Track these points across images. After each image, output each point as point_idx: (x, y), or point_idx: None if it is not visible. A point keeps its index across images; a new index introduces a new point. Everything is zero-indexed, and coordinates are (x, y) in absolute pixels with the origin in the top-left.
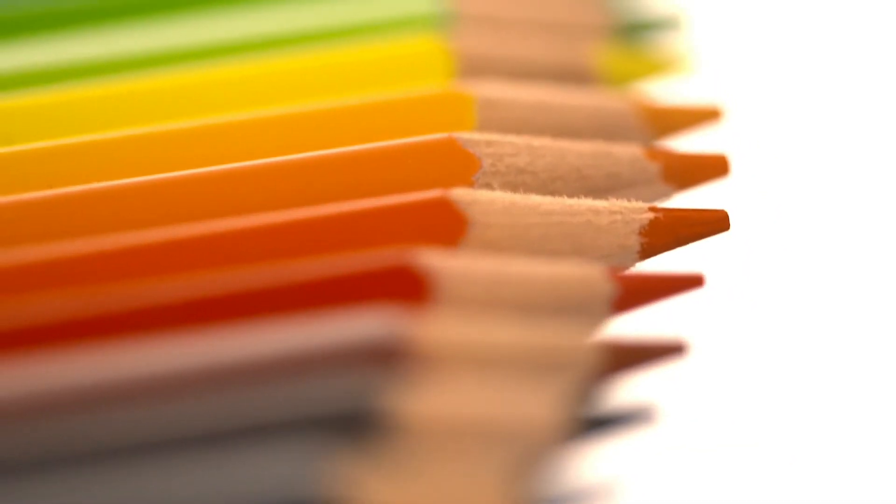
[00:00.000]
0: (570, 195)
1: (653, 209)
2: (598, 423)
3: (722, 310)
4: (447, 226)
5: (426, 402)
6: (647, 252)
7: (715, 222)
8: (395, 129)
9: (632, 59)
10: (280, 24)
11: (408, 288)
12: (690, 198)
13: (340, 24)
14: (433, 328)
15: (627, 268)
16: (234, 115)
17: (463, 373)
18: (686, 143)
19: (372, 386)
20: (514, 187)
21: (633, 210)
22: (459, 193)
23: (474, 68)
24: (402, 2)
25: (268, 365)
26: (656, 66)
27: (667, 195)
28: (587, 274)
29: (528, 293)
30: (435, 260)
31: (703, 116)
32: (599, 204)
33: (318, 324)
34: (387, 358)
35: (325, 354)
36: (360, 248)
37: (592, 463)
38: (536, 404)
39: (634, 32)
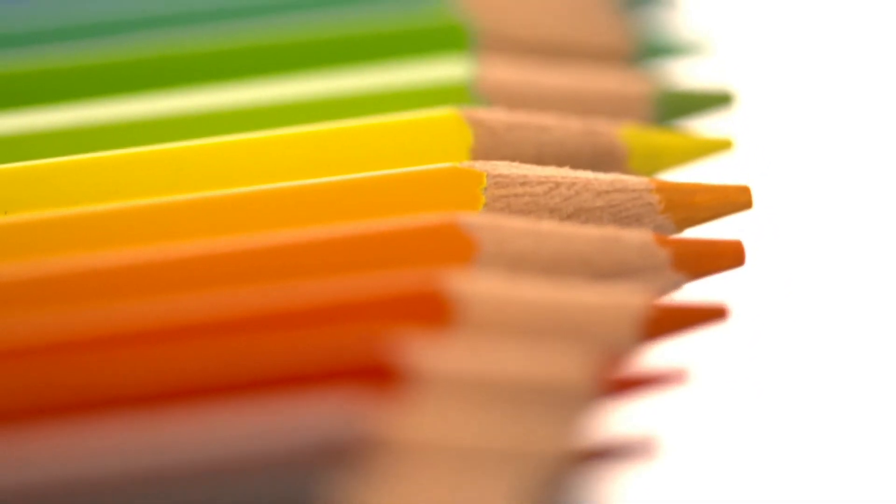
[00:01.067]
0: (576, 279)
1: (652, 304)
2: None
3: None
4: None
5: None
6: (643, 340)
7: (713, 315)
8: (402, 204)
9: (665, 142)
10: (297, 93)
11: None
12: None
13: (361, 91)
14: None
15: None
16: (241, 188)
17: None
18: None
19: (327, 483)
20: (516, 271)
21: (628, 305)
22: (452, 281)
23: (492, 145)
24: (424, 71)
25: (218, 465)
26: (691, 150)
27: (678, 284)
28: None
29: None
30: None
31: (728, 197)
32: (593, 301)
33: (275, 418)
34: (344, 455)
35: (279, 455)
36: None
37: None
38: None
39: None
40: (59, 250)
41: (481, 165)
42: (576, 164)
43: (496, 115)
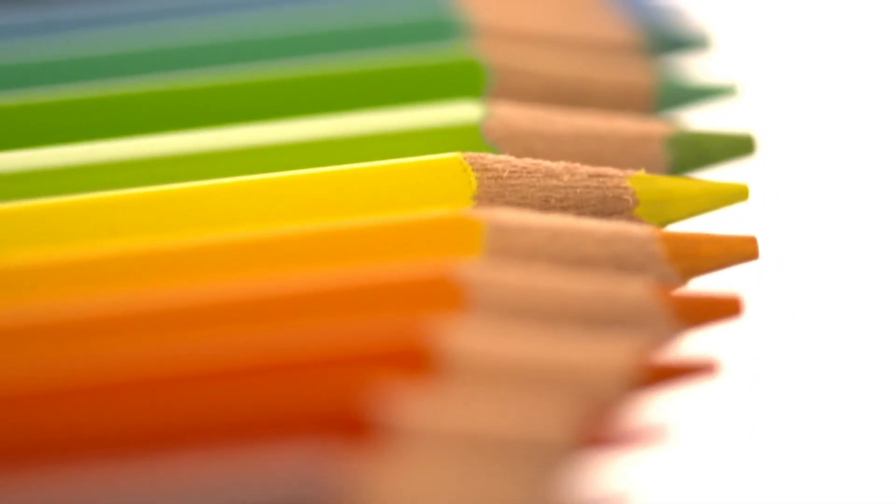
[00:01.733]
0: (569, 329)
1: (641, 359)
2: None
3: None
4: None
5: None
6: (631, 394)
7: (704, 370)
8: (400, 250)
9: (675, 189)
10: (305, 132)
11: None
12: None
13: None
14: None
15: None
16: (239, 231)
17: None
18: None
19: None
20: (508, 321)
21: (616, 361)
22: (439, 332)
23: (496, 191)
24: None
25: None
26: (702, 198)
27: (675, 335)
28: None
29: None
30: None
31: (734, 248)
32: (580, 356)
33: (249, 471)
34: None
35: None
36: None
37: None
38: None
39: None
40: (49, 292)
41: (482, 213)
42: (583, 211)
43: (502, 161)
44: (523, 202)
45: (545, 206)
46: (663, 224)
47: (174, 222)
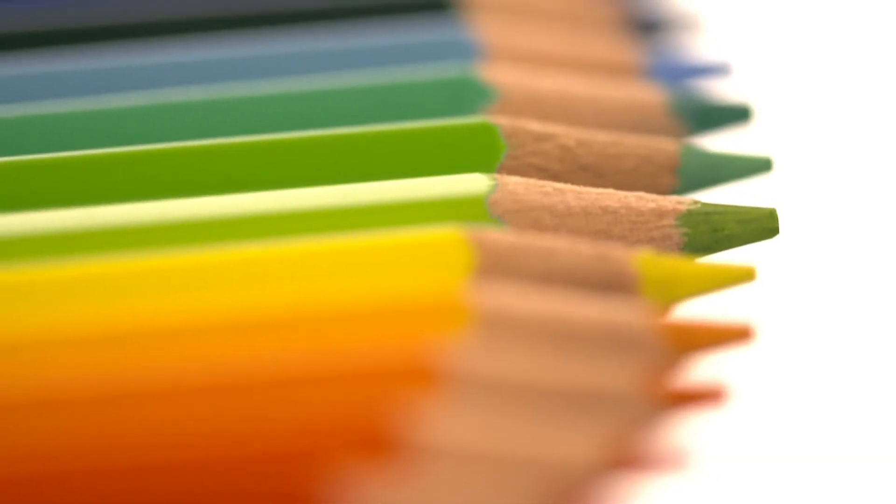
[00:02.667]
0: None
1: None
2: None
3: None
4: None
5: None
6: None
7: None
8: (387, 333)
9: (681, 270)
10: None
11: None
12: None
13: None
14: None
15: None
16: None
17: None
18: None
19: None
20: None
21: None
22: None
23: (495, 267)
24: (441, 181)
25: None
26: (708, 279)
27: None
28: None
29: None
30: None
31: (731, 335)
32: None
33: None
34: None
35: None
36: None
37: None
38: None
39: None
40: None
41: (475, 294)
42: (585, 289)
43: (501, 237)
44: (523, 278)
45: (546, 281)
46: (668, 304)
47: (166, 292)
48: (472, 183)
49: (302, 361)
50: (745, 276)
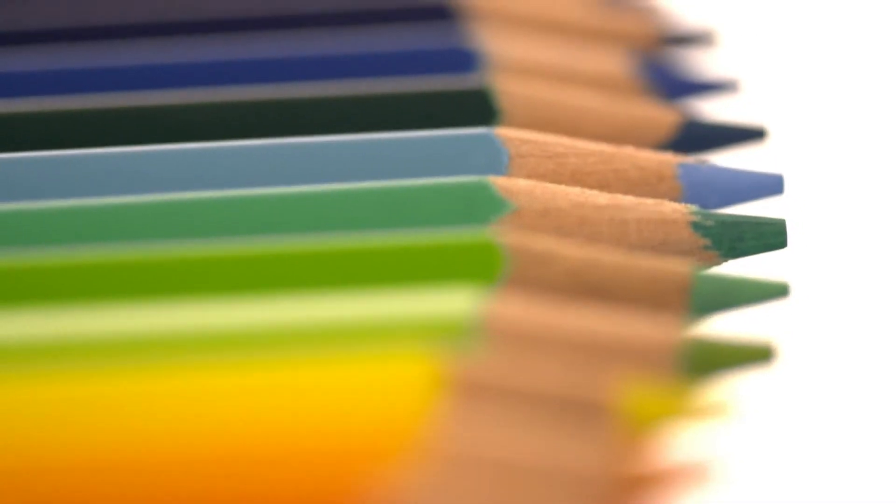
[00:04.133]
0: None
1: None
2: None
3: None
4: None
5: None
6: None
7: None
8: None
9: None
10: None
11: None
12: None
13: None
14: None
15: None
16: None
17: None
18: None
19: None
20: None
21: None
22: None
23: (472, 403)
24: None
25: None
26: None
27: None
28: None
29: None
30: None
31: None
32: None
33: None
34: None
35: None
36: None
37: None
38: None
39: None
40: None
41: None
42: (568, 425)
43: (484, 367)
44: (505, 406)
45: (531, 406)
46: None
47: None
48: (463, 301)
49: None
50: (721, 410)
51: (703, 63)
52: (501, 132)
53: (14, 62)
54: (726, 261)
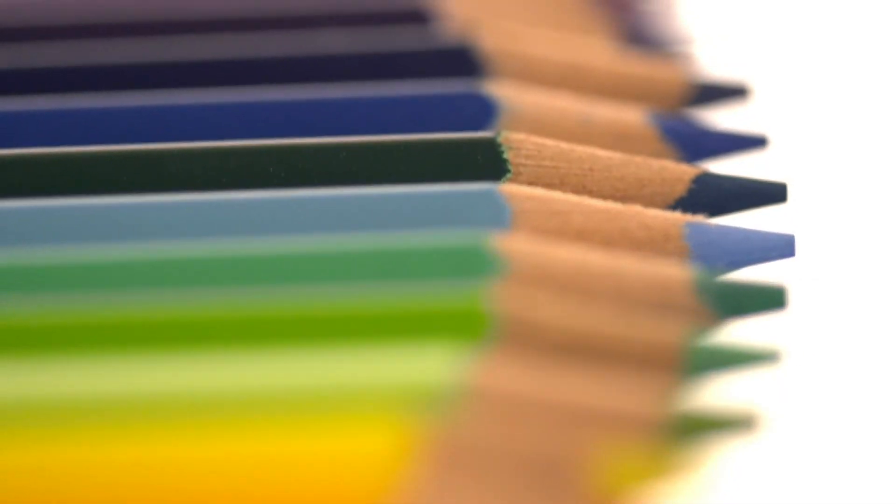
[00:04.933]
0: None
1: None
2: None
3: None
4: None
5: None
6: None
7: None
8: None
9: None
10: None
11: None
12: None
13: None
14: None
15: None
16: None
17: None
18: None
19: None
20: None
21: None
22: None
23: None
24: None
25: None
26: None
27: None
28: None
29: None
30: None
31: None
32: None
33: None
34: None
35: None
36: None
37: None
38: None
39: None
40: None
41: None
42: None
43: (462, 433)
44: (474, 480)
45: (497, 488)
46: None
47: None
48: (445, 365)
49: None
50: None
51: (731, 118)
52: (505, 188)
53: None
54: (726, 323)
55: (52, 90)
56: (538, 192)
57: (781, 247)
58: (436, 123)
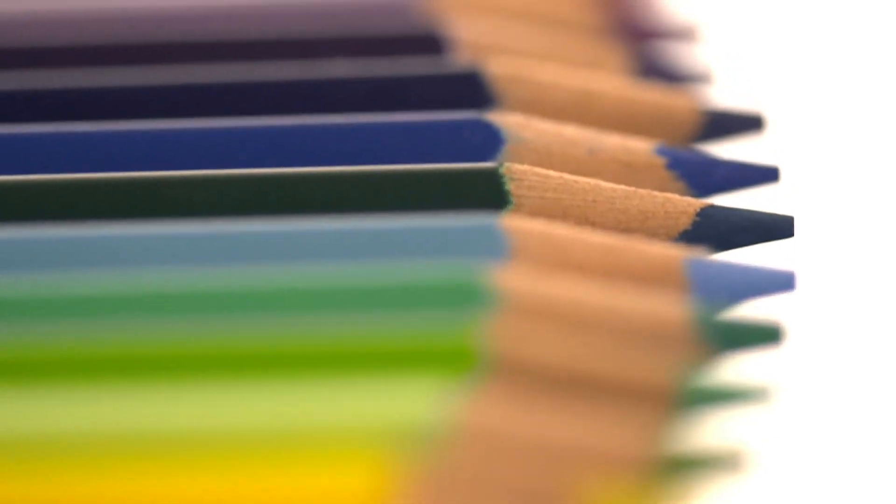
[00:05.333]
0: None
1: None
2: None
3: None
4: None
5: None
6: None
7: None
8: None
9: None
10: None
11: None
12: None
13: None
14: None
15: None
16: None
17: None
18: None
19: None
20: None
21: None
22: None
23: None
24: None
25: None
26: None
27: None
28: None
29: None
30: None
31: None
32: None
33: None
34: None
35: None
36: None
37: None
38: None
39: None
40: None
41: None
42: None
43: (447, 470)
44: None
45: None
46: None
47: None
48: (432, 401)
49: None
50: None
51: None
52: (505, 221)
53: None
54: (722, 358)
55: (49, 116)
56: (538, 224)
57: (782, 283)
58: (441, 152)
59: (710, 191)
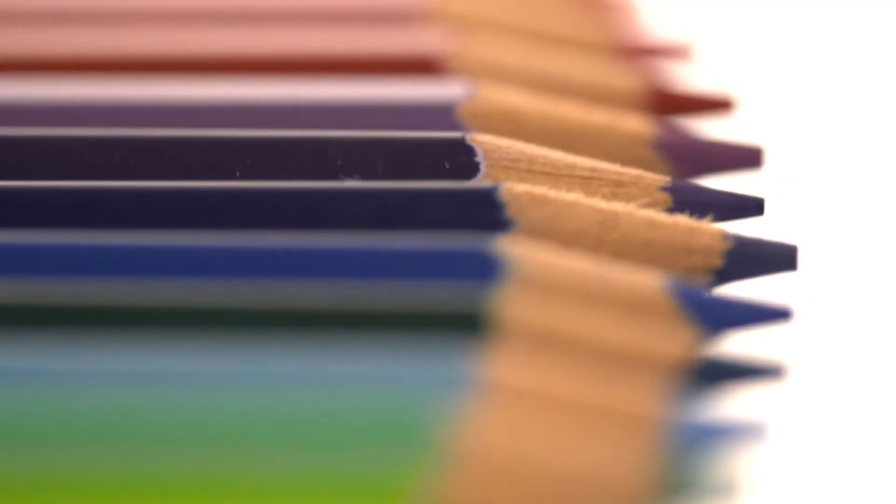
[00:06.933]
0: None
1: None
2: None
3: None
4: None
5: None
6: None
7: None
8: None
9: None
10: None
11: None
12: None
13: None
14: None
15: None
16: None
17: None
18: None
19: None
20: None
21: None
22: None
23: None
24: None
25: None
26: None
27: None
28: None
29: None
30: None
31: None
32: None
33: None
34: None
35: None
36: None
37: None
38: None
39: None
40: None
41: None
42: None
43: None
44: None
45: None
46: None
47: None
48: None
49: None
50: None
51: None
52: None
53: None
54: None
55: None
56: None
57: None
58: (438, 279)
59: (722, 329)
